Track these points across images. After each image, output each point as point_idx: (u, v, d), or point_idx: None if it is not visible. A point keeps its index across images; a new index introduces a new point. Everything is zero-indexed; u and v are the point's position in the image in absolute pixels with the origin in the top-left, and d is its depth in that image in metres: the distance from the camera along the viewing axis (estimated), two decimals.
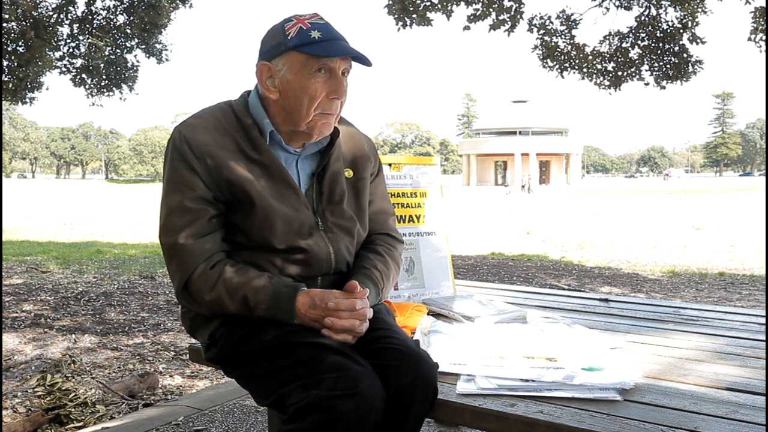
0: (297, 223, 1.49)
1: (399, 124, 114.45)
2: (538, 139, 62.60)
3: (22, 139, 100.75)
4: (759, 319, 2.02)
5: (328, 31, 1.45)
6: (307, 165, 1.58)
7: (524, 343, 1.63)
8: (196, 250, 1.44)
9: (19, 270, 7.20)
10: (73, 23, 9.39)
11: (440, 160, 5.39)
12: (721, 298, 5.86)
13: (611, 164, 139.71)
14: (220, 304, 1.44)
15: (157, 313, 5.01)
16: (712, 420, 1.19)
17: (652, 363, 1.56)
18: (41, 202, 28.77)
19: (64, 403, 2.68)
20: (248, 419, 2.72)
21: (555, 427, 1.19)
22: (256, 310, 1.42)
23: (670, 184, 56.79)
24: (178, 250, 1.44)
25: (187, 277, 1.44)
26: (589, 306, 2.24)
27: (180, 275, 1.45)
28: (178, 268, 1.45)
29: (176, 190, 1.45)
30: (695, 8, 8.21)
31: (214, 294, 1.43)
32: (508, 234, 13.16)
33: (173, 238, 1.44)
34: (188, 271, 1.44)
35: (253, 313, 1.43)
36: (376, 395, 1.29)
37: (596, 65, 8.80)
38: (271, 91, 1.49)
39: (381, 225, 1.71)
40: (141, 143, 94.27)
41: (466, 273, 7.29)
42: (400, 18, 8.16)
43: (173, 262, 1.46)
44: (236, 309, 1.44)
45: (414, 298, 2.16)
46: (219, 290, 1.43)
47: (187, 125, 1.49)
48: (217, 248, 1.47)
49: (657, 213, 19.40)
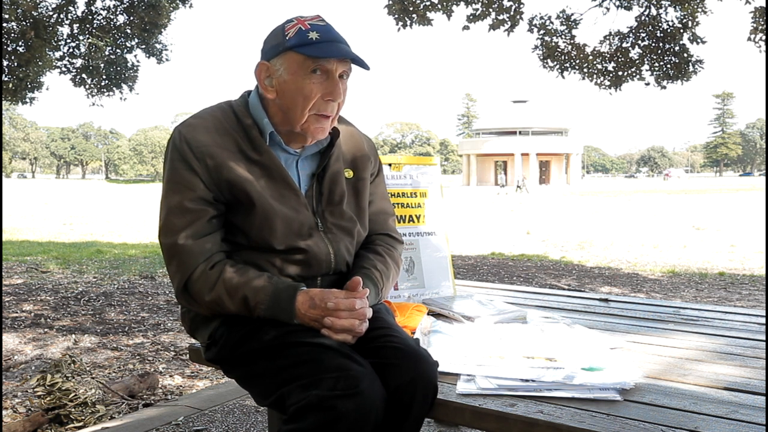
0: (297, 223, 1.49)
1: (399, 124, 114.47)
2: (538, 139, 62.63)
3: (22, 139, 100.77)
4: (759, 319, 2.02)
5: (326, 33, 1.45)
6: (307, 165, 1.58)
7: (524, 343, 1.63)
8: (195, 251, 1.44)
9: (19, 270, 7.20)
10: (73, 23, 9.39)
11: (440, 160, 5.39)
12: (721, 298, 5.86)
13: (611, 164, 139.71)
14: (219, 304, 1.44)
15: (157, 313, 5.01)
16: (712, 420, 1.19)
17: (652, 363, 1.56)
18: (41, 202, 28.76)
19: (64, 403, 2.68)
20: (248, 419, 2.72)
21: (555, 427, 1.19)
22: (255, 310, 1.43)
23: (670, 184, 56.76)
24: (178, 251, 1.44)
25: (186, 278, 1.45)
26: (589, 306, 2.24)
27: (180, 275, 1.46)
28: (178, 268, 1.46)
29: (176, 191, 1.45)
30: (695, 8, 8.21)
31: (213, 294, 1.43)
32: (508, 234, 13.15)
33: (173, 239, 1.45)
34: (188, 271, 1.44)
35: (253, 314, 1.43)
36: (376, 395, 1.29)
37: (596, 65, 8.80)
38: (268, 91, 1.50)
39: (381, 225, 1.71)
40: (141, 143, 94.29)
41: (466, 273, 7.29)
42: (400, 18, 8.15)
43: (173, 262, 1.47)
44: (236, 309, 1.44)
45: (414, 298, 2.16)
46: (219, 290, 1.43)
47: (187, 125, 1.49)
48: (216, 248, 1.47)
49: (657, 213, 19.39)
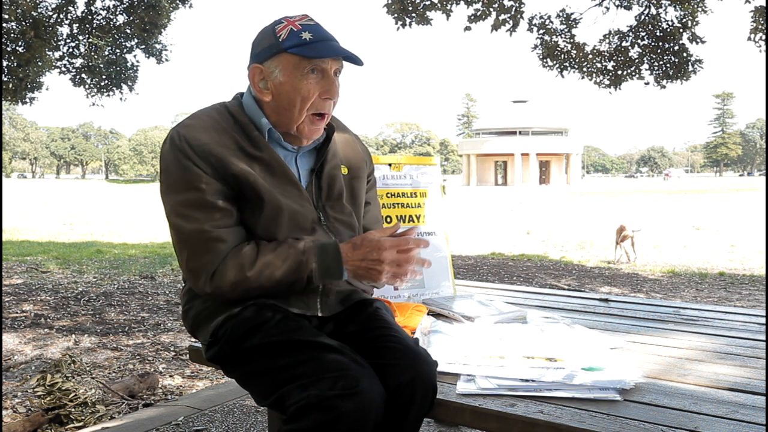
0: (302, 218, 1.50)
1: (399, 124, 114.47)
2: (538, 139, 62.63)
3: (22, 139, 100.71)
4: (759, 319, 2.02)
5: (318, 32, 1.45)
6: (306, 161, 1.58)
7: (524, 343, 1.63)
8: (228, 236, 1.43)
9: (19, 270, 7.20)
10: (73, 23, 9.38)
11: (440, 160, 5.39)
12: (721, 298, 5.86)
13: (611, 164, 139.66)
14: (264, 272, 1.41)
15: (157, 313, 5.01)
16: (712, 420, 1.19)
17: (652, 363, 1.56)
18: (41, 202, 28.76)
19: (64, 403, 2.68)
20: (248, 419, 2.72)
21: (555, 427, 1.19)
22: (307, 266, 1.42)
23: (670, 184, 56.73)
24: (208, 237, 1.41)
25: (219, 261, 1.41)
26: (589, 306, 2.24)
27: (209, 260, 1.42)
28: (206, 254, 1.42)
29: (193, 188, 1.42)
30: (695, 7, 8.21)
31: (258, 265, 1.41)
32: (508, 234, 13.16)
33: (200, 226, 1.41)
34: (222, 254, 1.42)
35: (304, 273, 1.42)
36: (376, 395, 1.29)
37: (596, 64, 8.80)
38: (263, 94, 1.49)
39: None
40: (141, 143, 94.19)
41: (466, 273, 7.29)
42: (399, 17, 8.15)
43: (199, 249, 1.42)
44: (283, 274, 1.42)
45: (414, 298, 2.16)
46: (263, 260, 1.41)
47: (185, 126, 1.47)
48: (245, 236, 1.47)
49: (657, 213, 19.39)
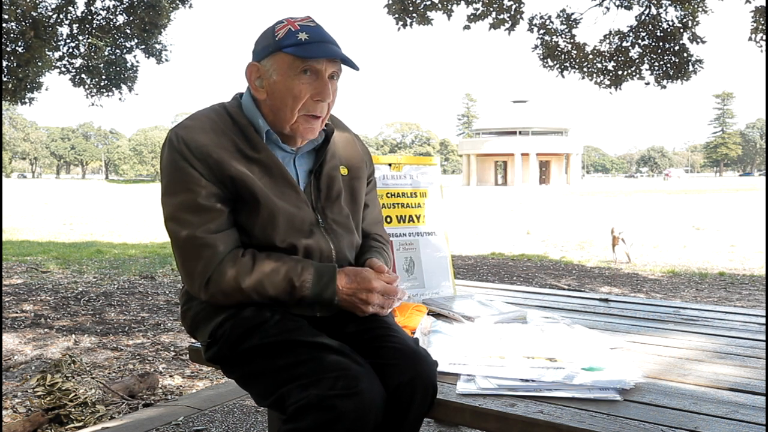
0: (298, 220, 1.50)
1: (399, 124, 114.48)
2: (538, 139, 62.62)
3: (22, 139, 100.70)
4: (759, 319, 2.02)
5: (316, 34, 1.45)
6: (304, 163, 1.58)
7: (524, 343, 1.63)
8: (219, 242, 1.43)
9: (19, 270, 7.20)
10: (73, 23, 9.38)
11: (440, 160, 5.39)
12: (721, 298, 5.86)
13: (611, 164, 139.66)
14: (258, 288, 1.42)
15: (157, 313, 5.01)
16: (712, 420, 1.19)
17: (652, 363, 1.56)
18: (41, 202, 28.76)
19: (64, 403, 2.68)
20: (248, 419, 2.72)
21: (555, 427, 1.19)
22: (302, 289, 1.43)
23: (670, 184, 56.75)
24: (200, 243, 1.42)
25: (213, 269, 1.42)
26: (589, 306, 2.24)
27: (203, 267, 1.42)
28: (200, 260, 1.42)
29: (186, 189, 1.43)
30: (695, 8, 8.21)
31: (254, 277, 1.41)
32: (508, 234, 13.16)
33: (191, 232, 1.42)
34: (214, 262, 1.42)
35: (297, 294, 1.43)
36: (376, 395, 1.29)
37: (596, 64, 8.79)
38: (259, 92, 1.50)
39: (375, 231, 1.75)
40: (141, 143, 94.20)
41: (466, 273, 7.29)
42: (400, 18, 8.15)
43: (193, 255, 1.43)
44: (276, 291, 1.43)
45: (414, 298, 2.16)
46: (258, 274, 1.41)
47: (183, 127, 1.47)
48: (238, 240, 1.47)
49: (657, 213, 19.39)
